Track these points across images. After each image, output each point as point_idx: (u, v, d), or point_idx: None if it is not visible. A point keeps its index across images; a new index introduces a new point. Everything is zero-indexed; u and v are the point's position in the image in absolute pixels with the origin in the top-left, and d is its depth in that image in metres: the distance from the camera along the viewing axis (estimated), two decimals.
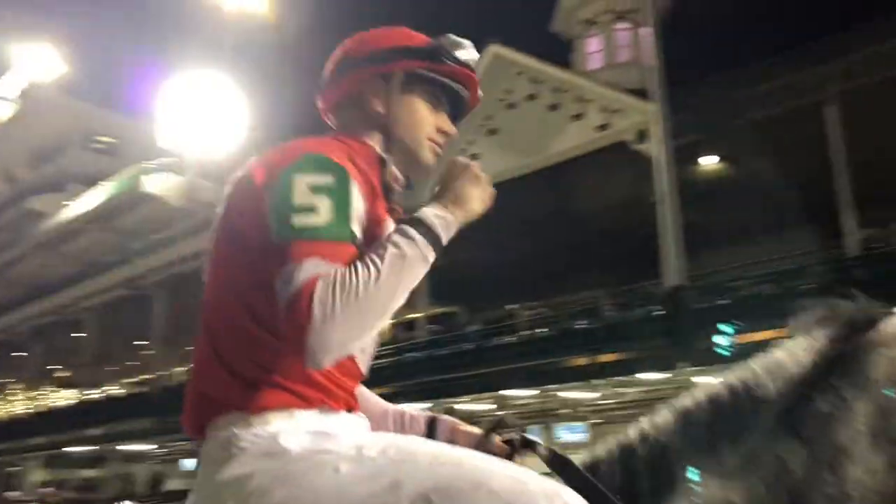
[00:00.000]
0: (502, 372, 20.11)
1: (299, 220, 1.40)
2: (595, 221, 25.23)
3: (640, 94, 21.26)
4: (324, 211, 1.41)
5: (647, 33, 22.62)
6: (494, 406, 22.78)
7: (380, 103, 1.70)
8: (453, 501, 1.34)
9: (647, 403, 21.34)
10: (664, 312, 19.05)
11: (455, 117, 1.81)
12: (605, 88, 22.35)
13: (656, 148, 20.34)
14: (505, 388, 20.96)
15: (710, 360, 16.81)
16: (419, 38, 1.75)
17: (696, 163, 25.47)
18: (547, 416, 25.46)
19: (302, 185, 1.42)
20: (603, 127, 21.97)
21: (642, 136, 20.95)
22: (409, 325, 24.76)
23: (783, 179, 24.21)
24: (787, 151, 23.68)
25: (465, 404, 22.12)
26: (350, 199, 1.46)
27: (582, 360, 20.31)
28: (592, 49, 27.04)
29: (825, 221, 23.79)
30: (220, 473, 1.42)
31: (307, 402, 1.47)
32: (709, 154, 25.24)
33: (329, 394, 1.50)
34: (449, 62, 1.71)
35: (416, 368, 21.90)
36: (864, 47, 19.90)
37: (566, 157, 22.82)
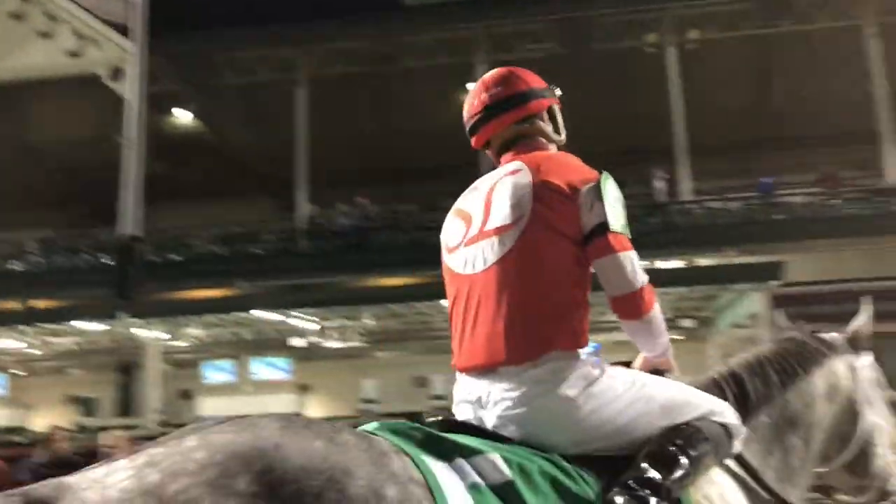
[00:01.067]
0: None
1: (621, 221, 2.04)
2: (52, 155, 23.02)
3: (122, 29, 19.93)
4: (623, 216, 2.08)
5: None
6: None
7: (555, 127, 2.37)
8: (676, 409, 2.00)
9: (79, 355, 20.29)
10: (113, 262, 18.23)
11: None
12: (80, 11, 20.33)
13: (130, 90, 19.28)
14: None
15: (156, 312, 16.66)
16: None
17: (169, 114, 24.98)
18: None
19: (612, 195, 2.06)
20: (74, 54, 20.01)
21: (117, 73, 19.67)
22: None
23: (252, 147, 25.34)
24: (260, 121, 24.87)
25: None
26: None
27: (11, 305, 18.28)
28: None
29: (283, 193, 25.62)
30: (558, 391, 1.89)
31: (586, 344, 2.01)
32: (184, 108, 24.97)
33: None
34: None
35: None
36: (331, 40, 21.83)
37: (25, 77, 20.26)
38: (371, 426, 1.79)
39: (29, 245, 23.87)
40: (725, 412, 2.10)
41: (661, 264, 18.97)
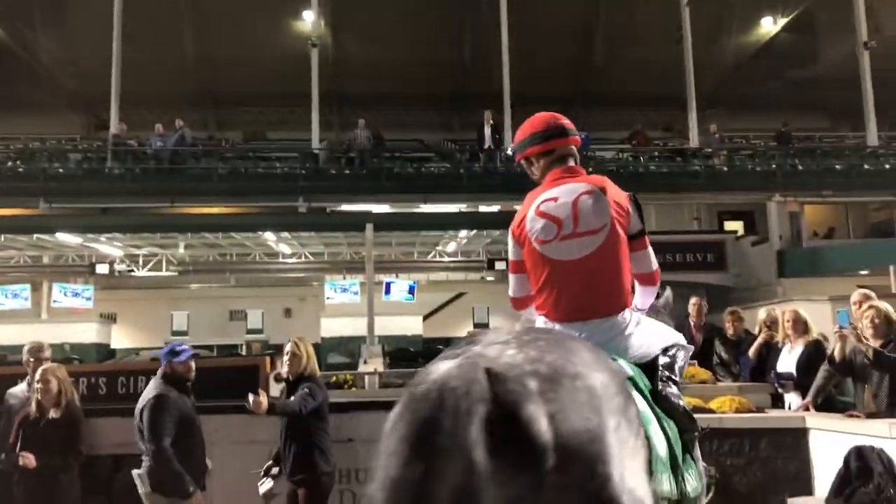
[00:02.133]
0: None
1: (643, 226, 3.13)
2: None
3: None
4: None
5: None
6: None
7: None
8: (664, 336, 3.10)
9: None
10: None
11: None
12: None
13: None
14: None
15: None
16: None
17: None
18: None
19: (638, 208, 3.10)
20: None
21: None
22: None
23: (62, 60, 23.30)
24: (71, 34, 22.91)
25: None
26: None
27: None
28: None
29: (94, 112, 23.85)
30: (622, 335, 2.96)
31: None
32: None
33: None
34: None
35: None
36: None
37: None
38: None
39: None
40: (681, 338, 3.23)
41: (483, 208, 19.59)
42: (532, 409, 1.39)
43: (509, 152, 3.75)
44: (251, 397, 4.96)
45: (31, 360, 6.09)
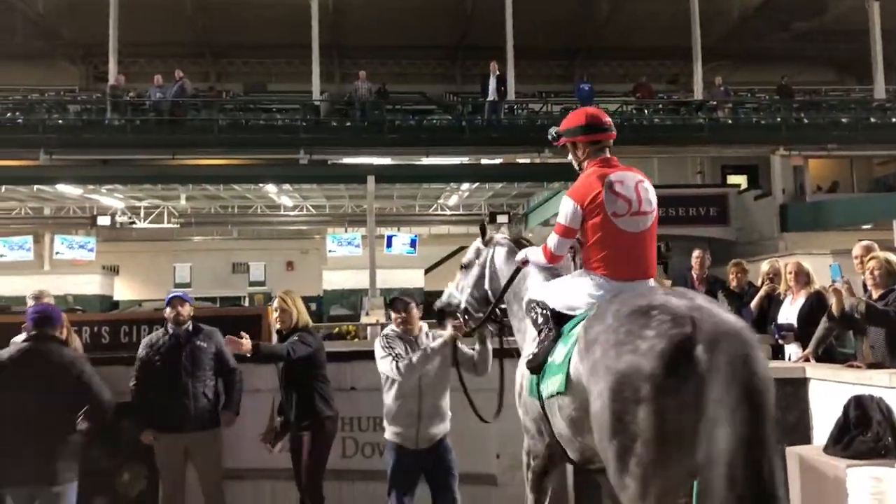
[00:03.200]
0: None
1: None
2: None
3: None
4: None
5: None
6: None
7: None
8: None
9: None
10: None
11: None
12: None
13: None
14: None
15: None
16: None
17: None
18: None
19: None
20: None
21: None
22: None
23: (60, 9, 22.94)
24: None
25: None
26: None
27: None
28: None
29: (94, 62, 23.51)
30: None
31: None
32: None
33: None
34: None
35: None
36: None
37: None
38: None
39: None
40: None
41: (486, 161, 19.47)
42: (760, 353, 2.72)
43: (552, 134, 3.82)
44: (235, 341, 4.87)
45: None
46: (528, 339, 4.00)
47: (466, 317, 4.58)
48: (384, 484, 4.90)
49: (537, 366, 3.64)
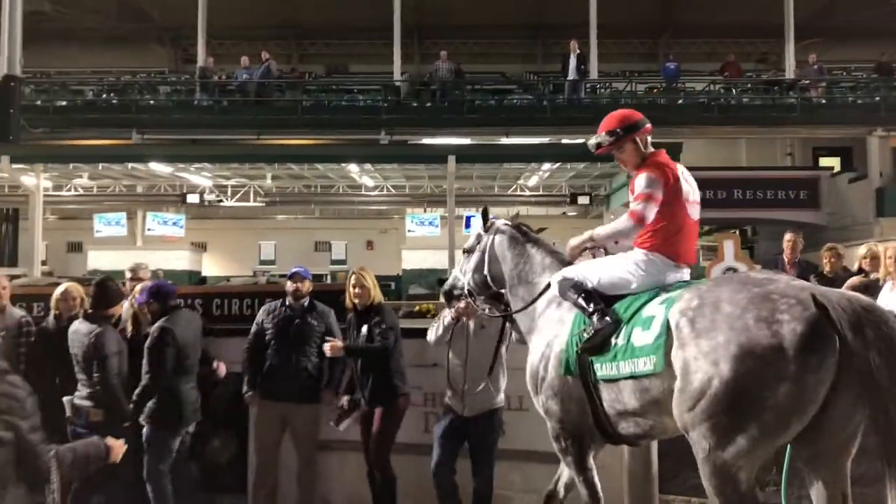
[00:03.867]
0: None
1: None
2: None
3: None
4: None
5: None
6: None
7: None
8: None
9: None
10: None
11: None
12: None
13: None
14: None
15: (42, 158, 15.83)
16: None
17: None
18: None
19: None
20: None
21: None
22: None
23: None
24: None
25: None
26: None
27: None
28: None
29: (183, 44, 24.12)
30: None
31: None
32: None
33: None
34: None
35: None
36: None
37: None
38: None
39: None
40: None
41: (566, 140, 19.22)
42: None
43: (595, 142, 3.92)
44: (326, 345, 5.26)
45: (130, 279, 6.44)
46: (549, 321, 4.10)
47: (471, 299, 4.73)
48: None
49: (596, 346, 3.68)
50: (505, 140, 19.19)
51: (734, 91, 20.43)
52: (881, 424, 2.96)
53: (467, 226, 20.56)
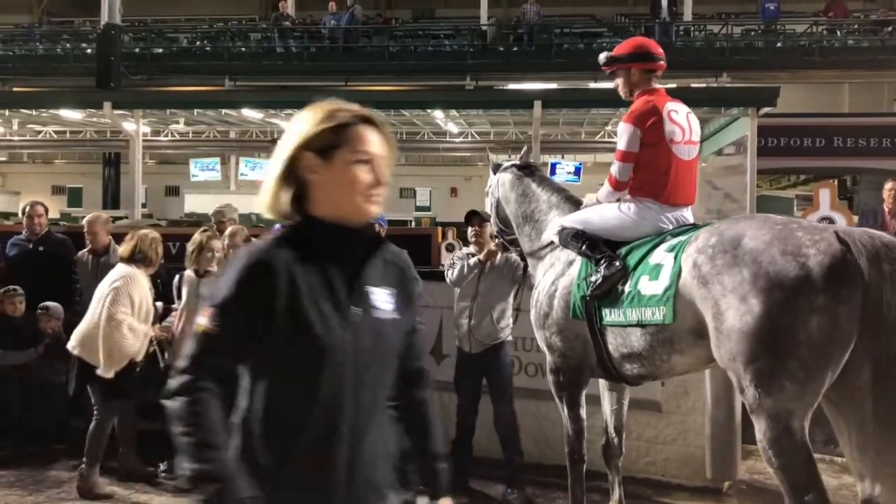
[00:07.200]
0: None
1: None
2: None
3: None
4: None
5: None
6: None
7: None
8: None
9: (64, 145, 20.22)
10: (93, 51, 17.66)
11: None
12: None
13: None
14: None
15: (140, 104, 16.43)
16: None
17: None
18: None
19: None
20: None
21: None
22: None
23: None
24: None
25: None
26: None
27: None
28: None
29: None
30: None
31: None
32: None
33: None
34: None
35: None
36: None
37: None
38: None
39: (7, 32, 23.06)
40: None
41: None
42: None
43: (603, 58, 3.73)
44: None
45: (216, 223, 6.72)
46: (558, 260, 4.14)
47: (498, 238, 4.98)
48: (548, 402, 5.03)
49: (604, 293, 3.72)
50: (593, 85, 18.78)
51: (838, 33, 19.36)
52: (881, 364, 2.98)
53: (552, 172, 20.33)
